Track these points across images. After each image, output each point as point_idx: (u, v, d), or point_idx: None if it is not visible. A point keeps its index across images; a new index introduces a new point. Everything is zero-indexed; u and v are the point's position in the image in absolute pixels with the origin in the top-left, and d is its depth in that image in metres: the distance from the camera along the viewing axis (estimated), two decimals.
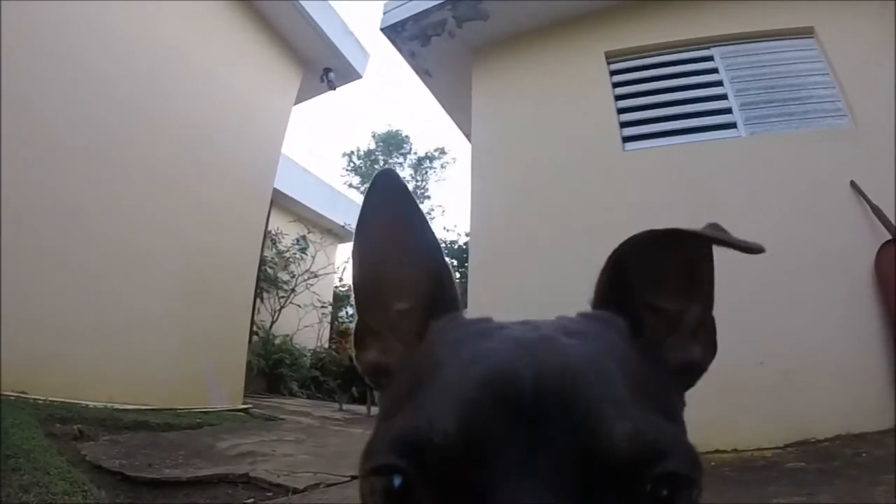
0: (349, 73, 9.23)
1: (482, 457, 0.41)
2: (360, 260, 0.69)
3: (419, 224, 0.67)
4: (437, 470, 0.42)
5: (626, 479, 0.41)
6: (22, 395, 4.42)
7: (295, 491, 3.25)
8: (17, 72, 4.83)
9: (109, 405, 5.03)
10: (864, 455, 3.57)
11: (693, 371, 0.67)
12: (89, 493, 2.74)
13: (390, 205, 0.67)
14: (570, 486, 0.40)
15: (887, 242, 4.50)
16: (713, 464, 3.90)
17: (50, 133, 5.20)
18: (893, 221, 4.47)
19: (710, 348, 0.69)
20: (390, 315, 0.68)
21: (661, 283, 0.64)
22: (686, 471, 0.44)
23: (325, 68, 8.96)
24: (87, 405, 4.80)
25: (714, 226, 0.62)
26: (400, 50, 7.12)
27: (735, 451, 4.17)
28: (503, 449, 0.41)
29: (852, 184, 4.73)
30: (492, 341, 0.51)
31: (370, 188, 0.67)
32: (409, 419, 0.46)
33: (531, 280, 5.30)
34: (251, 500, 3.07)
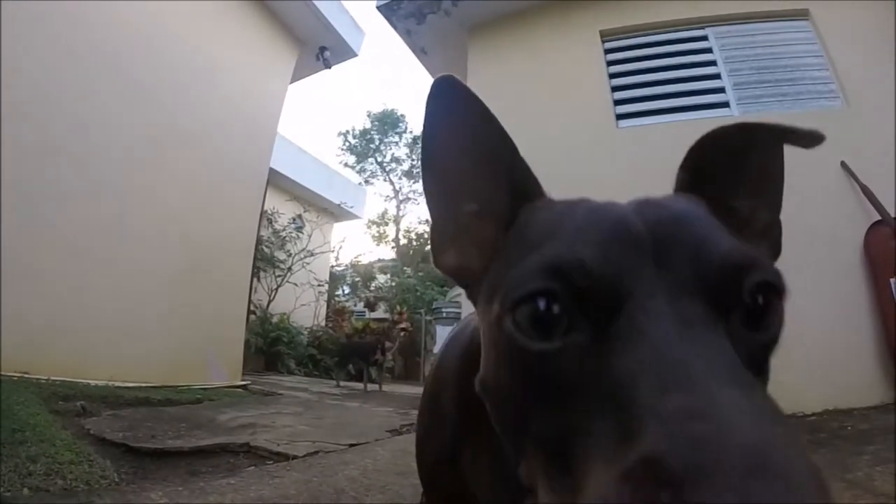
0: (345, 52, 9.20)
1: (624, 279, 0.47)
2: (429, 167, 0.71)
3: (488, 125, 0.67)
4: (584, 290, 0.47)
5: (731, 289, 0.48)
6: (24, 375, 4.47)
7: (294, 458, 3.32)
8: (8, 56, 4.85)
9: (111, 383, 5.09)
10: (849, 428, 3.63)
11: None
12: (95, 462, 2.78)
13: (455, 109, 0.68)
14: (689, 297, 0.46)
15: (876, 223, 4.56)
16: None
17: (47, 116, 5.21)
18: (883, 202, 4.53)
19: (776, 249, 0.72)
20: (462, 218, 0.69)
21: (736, 183, 0.67)
22: (776, 281, 0.51)
23: (320, 47, 8.93)
24: (88, 384, 4.85)
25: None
26: (395, 28, 7.10)
27: None
28: (638, 271, 0.47)
29: (843, 164, 4.78)
30: (601, 205, 0.56)
31: (432, 94, 0.67)
32: (551, 254, 0.50)
33: None
34: (252, 467, 3.14)
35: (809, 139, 0.60)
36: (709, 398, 0.37)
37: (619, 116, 5.74)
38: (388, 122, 31.89)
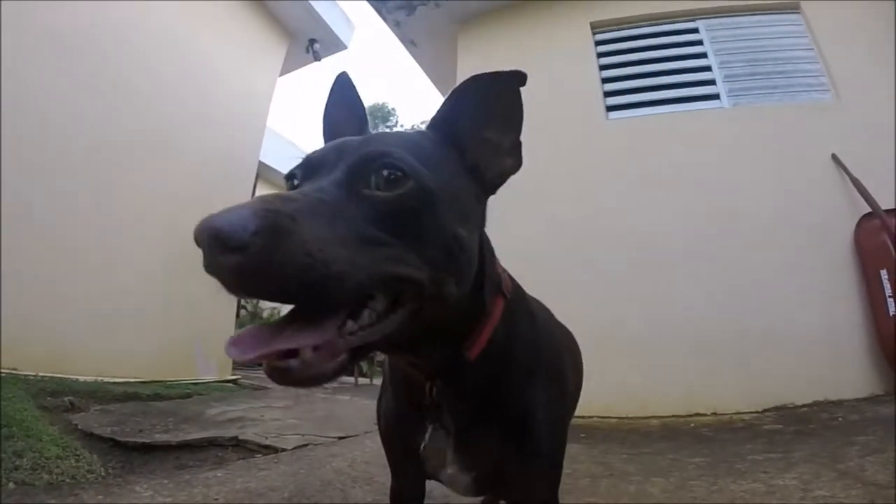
0: (334, 44, 9.11)
1: (319, 164, 0.83)
2: (327, 125, 1.16)
3: (360, 105, 1.15)
4: (304, 170, 0.85)
5: (365, 168, 0.78)
6: (12, 371, 4.42)
7: (283, 451, 3.32)
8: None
9: (99, 379, 5.07)
10: (839, 419, 3.66)
11: (505, 175, 1.00)
12: (81, 457, 2.77)
13: (345, 94, 1.16)
14: (341, 174, 0.78)
15: (867, 215, 4.57)
16: (692, 425, 4.01)
17: (29, 111, 5.13)
18: (873, 195, 4.54)
19: (518, 162, 1.00)
20: None
21: (486, 123, 0.96)
22: (401, 164, 0.78)
23: (310, 39, 8.85)
24: (76, 379, 4.84)
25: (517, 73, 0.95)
26: (385, 19, 7.02)
27: (714, 414, 4.27)
28: (327, 162, 0.82)
29: (833, 157, 4.79)
30: (355, 136, 0.93)
31: (333, 84, 1.17)
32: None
33: (513, 244, 5.32)
34: (240, 460, 3.13)
35: (518, 78, 0.95)
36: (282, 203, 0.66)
37: (610, 108, 5.72)
38: (378, 116, 31.70)
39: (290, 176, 0.87)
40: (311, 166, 0.84)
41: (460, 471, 1.08)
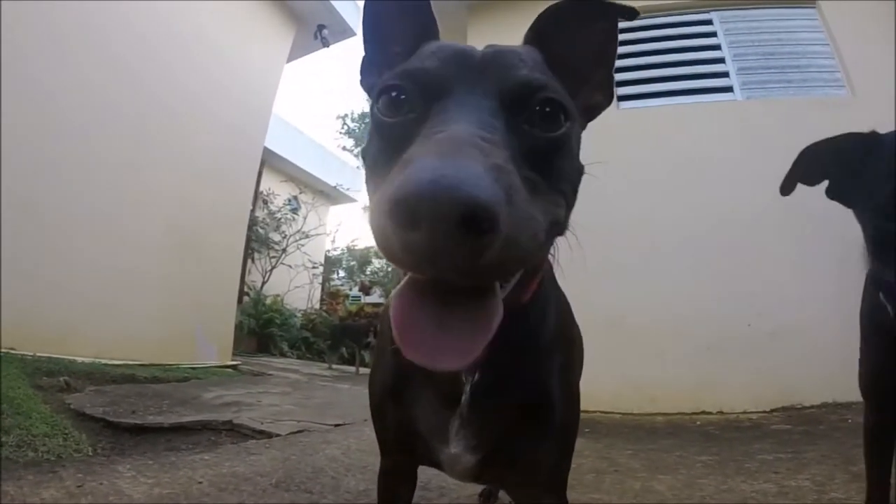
0: (343, 31, 9.04)
1: (449, 81, 0.71)
2: (368, 21, 0.96)
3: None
4: (423, 85, 0.72)
5: (524, 99, 0.71)
6: (9, 350, 4.41)
7: (276, 436, 3.28)
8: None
9: (97, 360, 5.05)
10: (849, 421, 3.59)
11: (596, 110, 0.97)
12: (70, 436, 2.75)
13: None
14: (487, 97, 0.69)
15: None
16: (698, 423, 3.97)
17: (39, 90, 5.15)
18: None
19: (609, 97, 0.97)
20: (389, 55, 0.91)
21: (579, 54, 0.90)
22: (562, 100, 0.74)
23: (318, 25, 8.78)
24: (74, 360, 4.81)
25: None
26: None
27: (721, 412, 4.22)
28: (461, 78, 0.71)
29: None
30: (455, 44, 0.81)
31: None
32: (406, 65, 0.77)
33: None
34: (232, 444, 3.08)
35: (628, 13, 0.91)
36: (453, 127, 0.59)
37: (621, 98, 5.63)
38: None
39: (388, 90, 0.74)
40: (431, 83, 0.71)
41: (465, 450, 0.98)
